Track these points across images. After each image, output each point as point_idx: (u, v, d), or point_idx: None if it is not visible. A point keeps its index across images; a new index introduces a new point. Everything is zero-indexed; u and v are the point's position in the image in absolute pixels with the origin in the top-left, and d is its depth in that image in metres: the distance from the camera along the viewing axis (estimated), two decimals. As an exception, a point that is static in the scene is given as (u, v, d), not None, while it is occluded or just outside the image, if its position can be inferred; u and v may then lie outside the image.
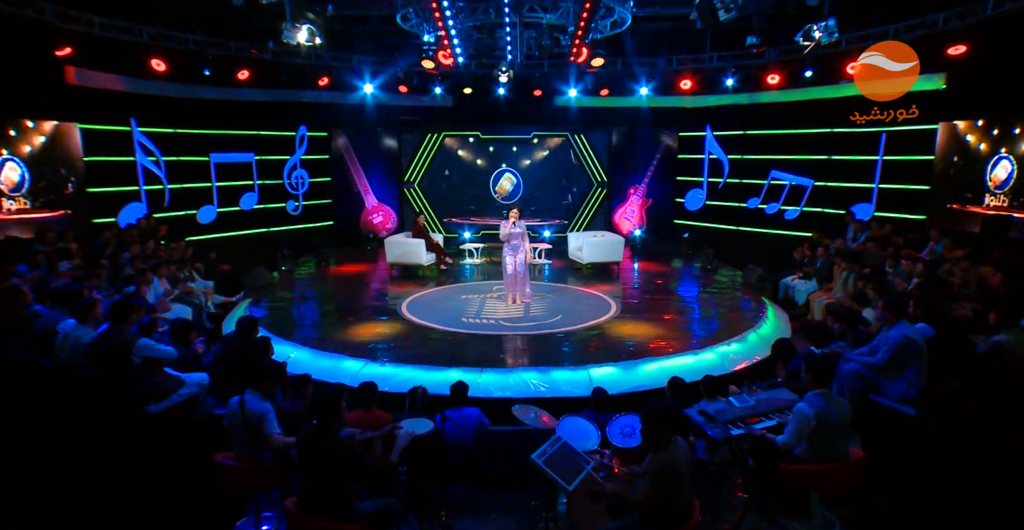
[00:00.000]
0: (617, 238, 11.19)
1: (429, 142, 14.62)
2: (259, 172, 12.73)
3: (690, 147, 14.24)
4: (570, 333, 7.45)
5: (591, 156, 14.86)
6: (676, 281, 10.85)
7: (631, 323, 7.88)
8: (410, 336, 7.34)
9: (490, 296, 9.27)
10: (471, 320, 7.94)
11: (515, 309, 8.52)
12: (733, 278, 10.82)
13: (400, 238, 11.13)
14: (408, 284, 10.33)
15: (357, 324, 7.85)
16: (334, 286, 10.33)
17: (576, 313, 8.29)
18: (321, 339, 7.15)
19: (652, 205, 14.91)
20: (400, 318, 8.05)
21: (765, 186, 12.59)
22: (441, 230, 14.87)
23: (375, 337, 7.27)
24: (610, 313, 8.30)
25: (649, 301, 9.17)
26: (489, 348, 6.93)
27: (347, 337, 7.28)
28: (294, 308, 8.84)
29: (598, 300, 9.08)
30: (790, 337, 7.73)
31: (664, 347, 6.91)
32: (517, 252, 8.65)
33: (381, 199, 14.74)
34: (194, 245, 10.64)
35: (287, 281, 10.60)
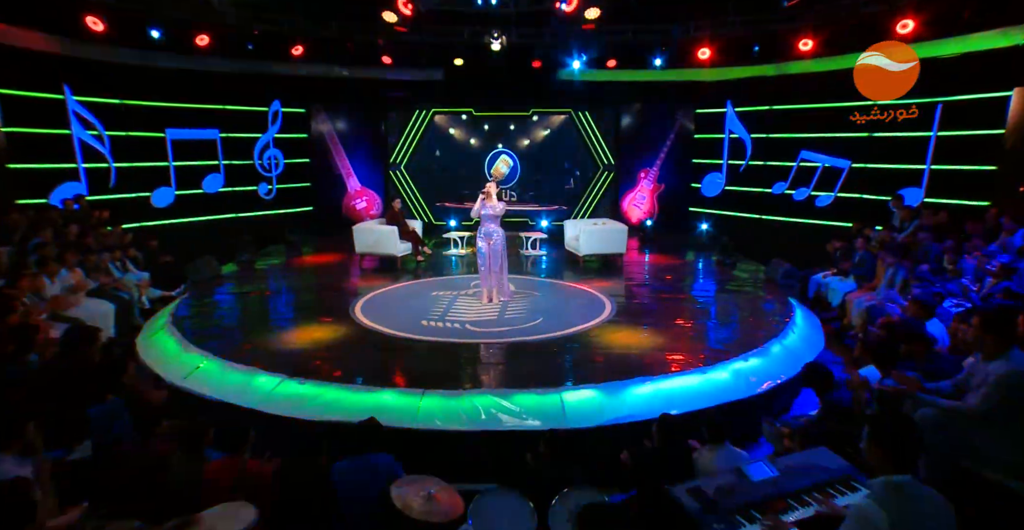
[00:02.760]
0: (619, 227, 9.74)
1: (417, 120, 13.25)
2: (225, 151, 11.49)
3: (708, 126, 12.65)
4: (548, 342, 6.06)
5: (597, 136, 13.36)
6: (688, 277, 9.37)
7: (626, 329, 6.46)
8: (350, 345, 6.01)
9: (465, 293, 7.91)
10: (432, 324, 6.60)
11: (489, 310, 7.15)
12: (754, 274, 9.31)
13: (370, 225, 9.81)
14: (377, 278, 9.02)
15: (294, 327, 6.56)
16: (291, 279, 9.06)
17: (562, 315, 6.90)
18: (240, 347, 5.87)
19: (664, 191, 13.38)
20: (348, 320, 6.74)
21: (793, 169, 10.99)
22: (429, 217, 13.56)
23: (308, 345, 5.96)
24: (603, 316, 6.89)
25: (653, 301, 7.73)
26: (441, 362, 5.58)
27: (274, 345, 5.99)
28: (230, 306, 7.58)
29: (591, 299, 7.67)
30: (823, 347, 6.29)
31: (663, 362, 5.49)
32: (491, 239, 7.28)
33: (365, 183, 13.45)
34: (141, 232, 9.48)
35: (242, 273, 9.37)
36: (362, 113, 13.20)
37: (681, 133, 13.14)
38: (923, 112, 8.86)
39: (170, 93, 10.48)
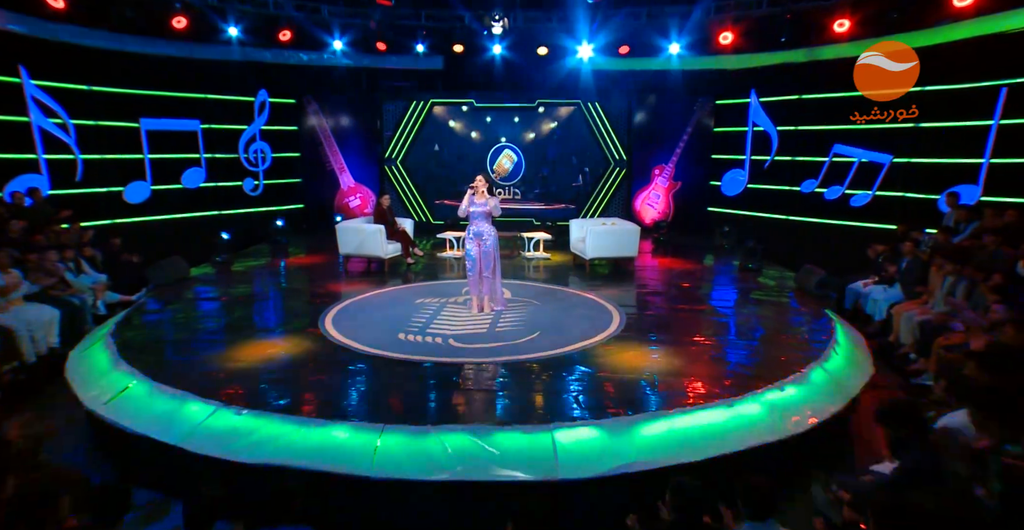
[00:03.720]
0: (630, 227, 8.77)
1: (414, 112, 12.37)
2: (207, 143, 10.70)
3: (730, 118, 11.63)
4: (542, 363, 5.12)
5: (608, 129, 12.39)
6: (707, 284, 8.37)
7: (636, 348, 5.50)
8: (310, 363, 5.12)
9: (454, 301, 7.00)
10: (410, 338, 5.69)
11: (479, 321, 6.23)
12: (782, 281, 8.29)
13: (355, 224, 8.93)
14: (360, 282, 8.14)
15: (250, 341, 5.67)
16: (265, 283, 8.20)
17: (562, 329, 5.95)
18: (179, 366, 4.99)
19: (681, 189, 12.38)
20: (314, 333, 5.85)
21: (825, 164, 9.94)
22: (428, 216, 12.68)
23: (259, 364, 5.07)
24: (609, 330, 5.94)
25: (667, 313, 6.76)
26: (412, 387, 4.66)
27: (221, 363, 5.11)
28: (185, 314, 6.71)
29: (597, 310, 6.71)
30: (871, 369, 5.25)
31: (680, 392, 4.53)
32: (482, 240, 6.36)
33: (359, 179, 12.60)
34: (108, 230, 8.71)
35: (214, 275, 8.53)
36: (356, 104, 12.36)
37: (699, 126, 12.13)
38: (983, 97, 7.73)
39: (144, 80, 9.69)
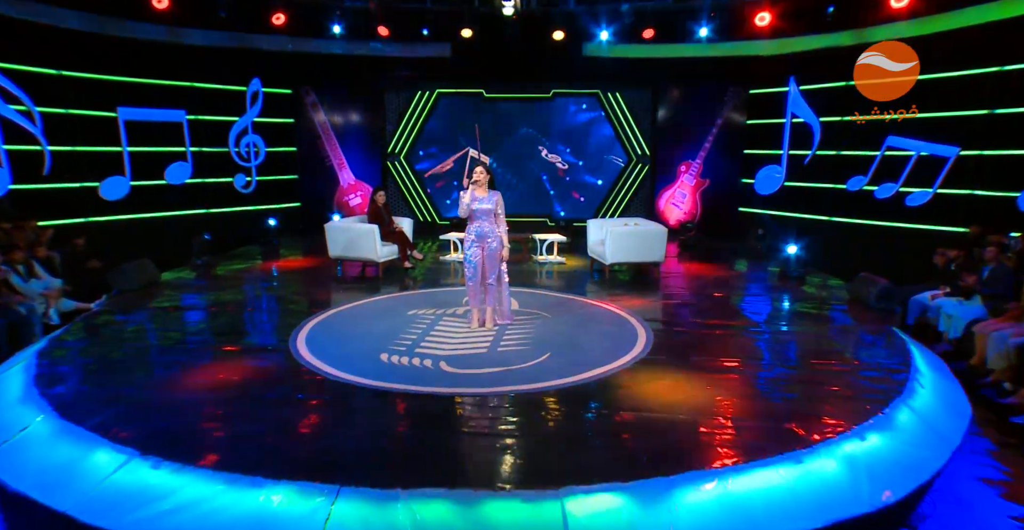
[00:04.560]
0: (657, 228, 7.75)
1: (419, 102, 11.46)
2: (193, 136, 9.88)
3: (765, 108, 10.55)
4: (553, 397, 4.14)
5: (629, 122, 11.38)
6: (744, 294, 7.32)
7: (667, 375, 4.49)
8: (263, 395, 4.18)
9: (452, 313, 6.04)
10: (394, 360, 4.74)
11: (479, 339, 5.26)
12: (830, 290, 7.22)
13: (346, 223, 8.02)
14: (349, 290, 7.23)
15: (203, 364, 4.75)
16: (244, 290, 7.32)
17: (577, 350, 4.97)
18: (102, 397, 4.09)
19: (709, 187, 11.31)
20: (281, 352, 4.92)
21: (876, 159, 8.81)
22: (434, 216, 11.76)
23: (203, 394, 4.15)
24: (634, 352, 4.93)
25: (702, 330, 5.73)
26: (383, 430, 3.70)
27: (155, 392, 4.19)
28: (136, 328, 5.82)
29: (619, 325, 5.71)
30: (970, 408, 4.19)
31: (727, 439, 3.51)
32: (484, 242, 5.39)
33: (360, 175, 11.72)
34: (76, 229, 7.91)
35: (188, 281, 7.68)
36: (357, 95, 11.48)
37: (730, 118, 11.06)
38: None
39: (122, 65, 8.89)
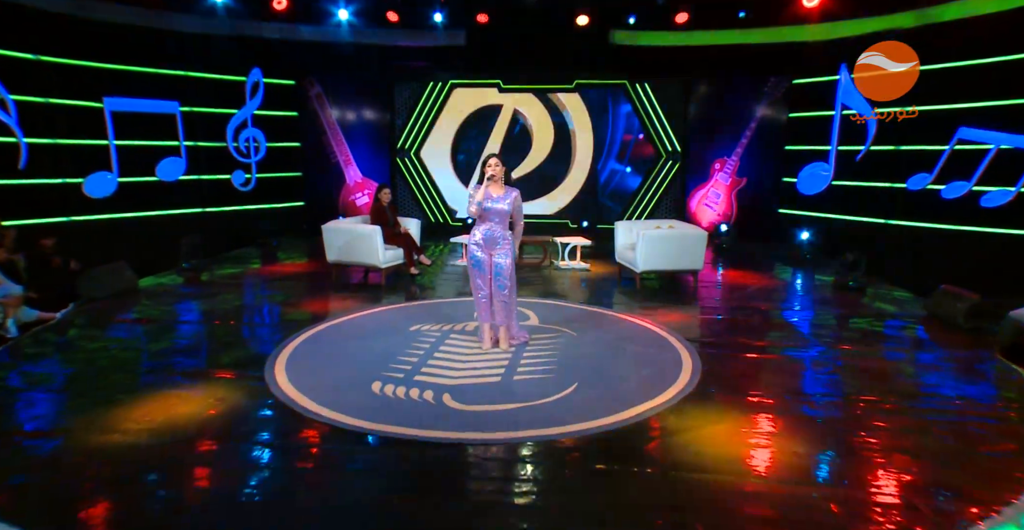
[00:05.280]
0: (694, 232, 6.83)
1: (432, 95, 10.66)
2: (187, 129, 9.17)
3: (810, 100, 9.55)
4: (585, 448, 3.26)
5: (659, 115, 10.46)
6: (797, 308, 6.36)
7: (727, 418, 3.59)
8: (219, 439, 3.35)
9: (461, 329, 5.19)
10: (390, 391, 3.89)
11: (491, 362, 4.40)
12: (897, 304, 6.24)
13: (346, 224, 7.21)
14: (347, 299, 6.42)
15: (152, 394, 3.93)
16: (228, 298, 6.53)
17: (609, 379, 4.09)
18: (5, 445, 3.29)
19: (746, 186, 10.34)
20: (252, 380, 4.10)
21: (944, 154, 7.79)
22: (446, 217, 10.95)
23: (142, 438, 3.33)
24: (680, 383, 4.04)
25: (756, 353, 4.80)
26: (368, 496, 2.85)
27: (79, 437, 3.37)
28: (86, 346, 5.03)
29: (657, 345, 4.82)
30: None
31: (830, 523, 2.60)
32: (494, 249, 4.53)
33: (367, 173, 10.95)
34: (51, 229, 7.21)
35: (172, 287, 6.93)
36: (365, 86, 10.71)
37: (771, 111, 10.08)
38: None
39: (109, 52, 8.20)
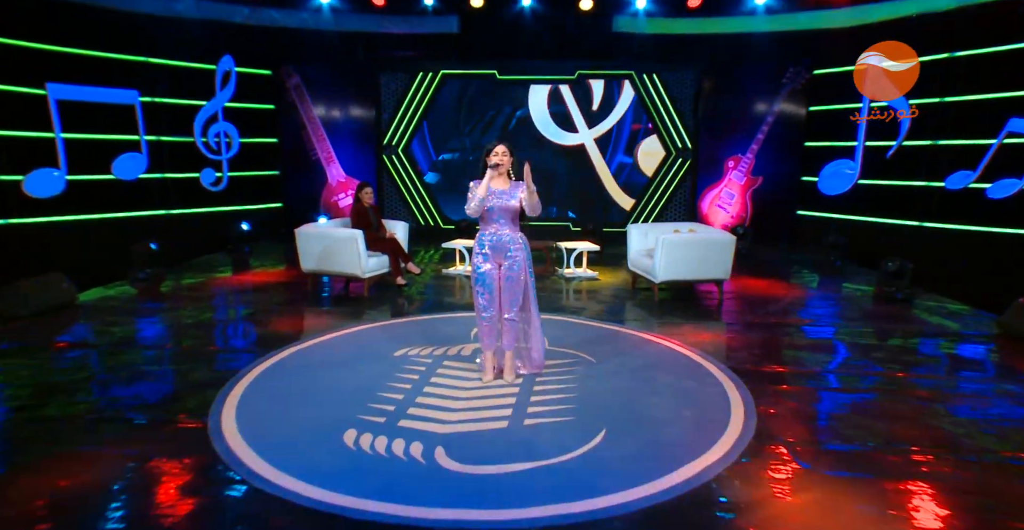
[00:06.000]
0: (721, 236, 6.01)
1: (421, 85, 9.79)
2: (148, 122, 8.24)
3: (832, 91, 8.79)
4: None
5: (669, 109, 9.66)
6: (839, 322, 5.54)
7: (810, 480, 2.75)
8: (136, 521, 2.46)
9: (456, 353, 4.31)
10: (366, 443, 3.01)
11: (495, 400, 3.53)
12: (956, 318, 5.45)
13: (322, 228, 6.32)
14: (322, 314, 5.54)
15: (47, 458, 3.04)
16: (187, 314, 5.59)
17: (643, 425, 3.24)
18: None
19: (762, 186, 9.57)
20: (192, 431, 3.21)
21: (991, 149, 7.04)
22: (437, 219, 10.09)
23: (13, 526, 2.45)
24: (733, 430, 3.19)
25: (815, 385, 3.97)
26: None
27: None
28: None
29: (695, 376, 3.98)
30: None
31: None
32: (506, 255, 3.68)
33: (350, 172, 10.06)
34: None
35: (120, 301, 6.01)
36: (348, 77, 9.83)
37: (789, 105, 9.32)
38: None
39: (54, 33, 7.26)
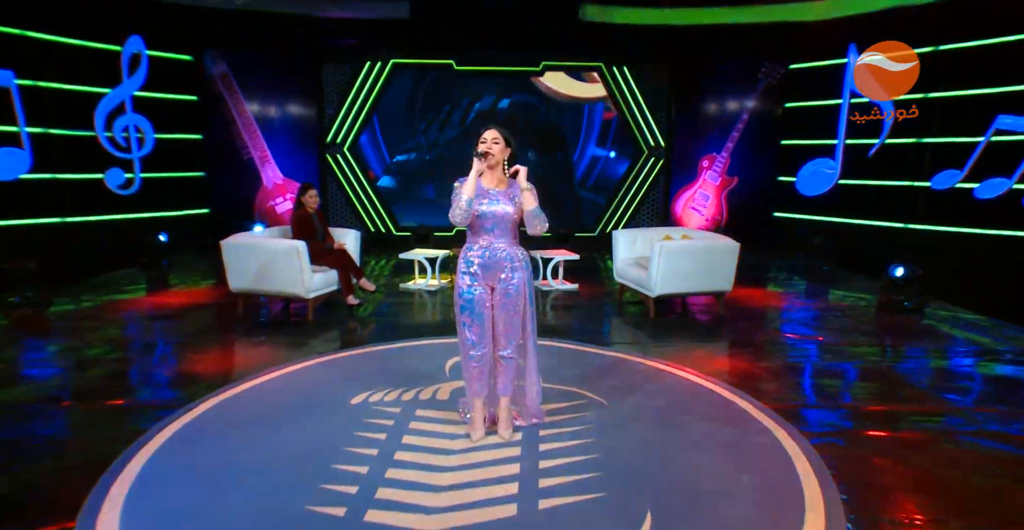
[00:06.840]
0: (725, 243, 5.31)
1: (369, 76, 8.75)
2: (31, 111, 6.83)
3: (811, 87, 8.36)
4: None
5: (640, 104, 9.01)
6: (859, 338, 4.92)
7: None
8: None
9: (431, 396, 3.38)
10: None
11: (493, 470, 2.62)
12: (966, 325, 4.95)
13: (255, 239, 5.22)
14: (257, 345, 4.46)
15: None
16: (72, 352, 4.39)
17: (696, 502, 2.42)
18: None
19: (738, 187, 9.06)
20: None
21: (978, 147, 6.70)
22: (389, 226, 9.06)
23: None
24: (813, 504, 2.42)
25: (876, 422, 3.27)
26: None
27: None
28: None
29: (733, 417, 3.20)
30: None
31: None
32: (496, 277, 2.80)
33: (290, 173, 8.88)
34: None
35: (-9, 332, 4.72)
36: (285, 66, 8.67)
37: (765, 101, 8.85)
38: None
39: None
